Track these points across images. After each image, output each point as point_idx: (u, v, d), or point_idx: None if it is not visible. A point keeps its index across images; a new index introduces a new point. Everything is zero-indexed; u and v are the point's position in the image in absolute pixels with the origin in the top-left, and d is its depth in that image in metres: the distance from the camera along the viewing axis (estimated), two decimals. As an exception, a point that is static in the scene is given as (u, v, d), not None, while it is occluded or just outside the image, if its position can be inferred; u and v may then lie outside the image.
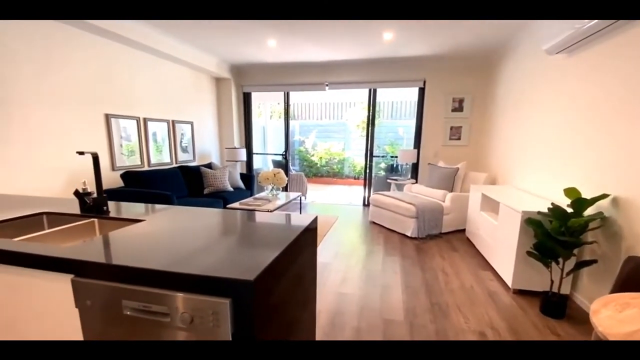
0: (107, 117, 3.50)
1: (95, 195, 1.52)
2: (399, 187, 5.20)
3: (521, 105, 3.56)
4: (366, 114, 5.53)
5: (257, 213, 1.60)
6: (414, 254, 3.41)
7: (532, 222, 2.25)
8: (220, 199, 4.24)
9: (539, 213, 2.29)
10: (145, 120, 4.05)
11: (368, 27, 3.55)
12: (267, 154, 8.03)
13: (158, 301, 0.89)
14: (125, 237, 1.19)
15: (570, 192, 2.14)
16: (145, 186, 3.64)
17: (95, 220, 1.52)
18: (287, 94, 5.83)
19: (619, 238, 2.07)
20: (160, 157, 4.39)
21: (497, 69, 4.36)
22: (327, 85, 5.34)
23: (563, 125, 2.72)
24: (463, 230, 4.18)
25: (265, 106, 8.92)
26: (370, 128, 5.48)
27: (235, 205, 4.02)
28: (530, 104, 3.34)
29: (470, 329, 2.10)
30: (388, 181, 5.41)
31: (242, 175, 5.25)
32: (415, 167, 5.36)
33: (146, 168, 4.13)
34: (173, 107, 4.60)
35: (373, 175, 5.88)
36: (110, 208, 1.66)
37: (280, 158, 6.58)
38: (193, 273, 0.87)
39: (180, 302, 0.87)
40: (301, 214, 1.62)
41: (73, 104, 3.14)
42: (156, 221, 1.42)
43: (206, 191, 4.53)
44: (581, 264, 2.15)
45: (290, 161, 6.60)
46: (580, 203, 2.08)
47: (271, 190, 4.58)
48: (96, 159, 1.48)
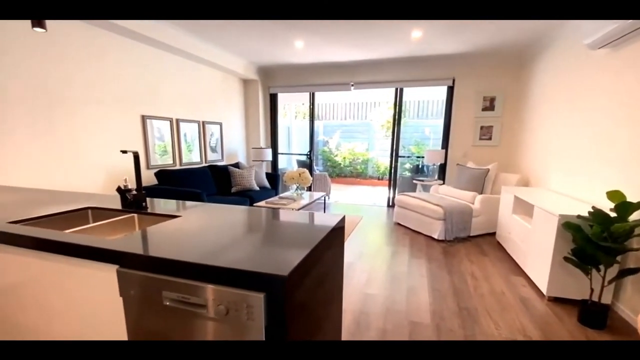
0: (143, 118, 3.69)
1: (135, 192, 1.62)
2: (425, 188, 5.09)
3: (558, 103, 3.38)
4: (392, 114, 5.47)
5: (285, 211, 1.63)
6: (441, 257, 3.33)
7: (571, 226, 2.13)
8: (247, 198, 4.35)
9: (579, 217, 2.17)
10: (177, 121, 4.23)
11: (396, 26, 3.51)
12: (292, 154, 8.12)
13: (196, 293, 0.94)
14: (164, 232, 1.25)
15: (614, 195, 2.01)
16: (177, 184, 3.80)
17: (135, 215, 1.62)
18: (313, 95, 5.87)
19: (670, 245, 1.92)
20: (190, 157, 4.57)
21: (532, 66, 4.16)
22: (353, 85, 5.32)
23: (604, 124, 2.56)
24: (493, 233, 4.03)
25: (290, 107, 9.03)
26: (396, 128, 5.41)
27: (261, 203, 4.11)
28: (568, 102, 3.17)
29: (501, 336, 2.02)
30: (414, 182, 5.31)
31: (268, 174, 5.35)
32: (442, 168, 5.23)
33: (178, 167, 4.31)
34: (203, 109, 4.77)
35: (398, 175, 5.80)
36: (147, 204, 1.75)
37: (304, 158, 6.64)
38: (229, 267, 0.90)
39: (216, 295, 0.91)
40: (327, 214, 1.63)
41: (113, 106, 3.34)
42: (191, 217, 1.49)
43: (234, 190, 4.65)
44: (625, 272, 2.02)
45: (314, 161, 6.65)
46: (625, 207, 1.95)
47: (296, 189, 4.64)
48: (137, 158, 1.57)
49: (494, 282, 2.77)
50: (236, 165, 5.08)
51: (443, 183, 5.11)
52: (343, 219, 1.48)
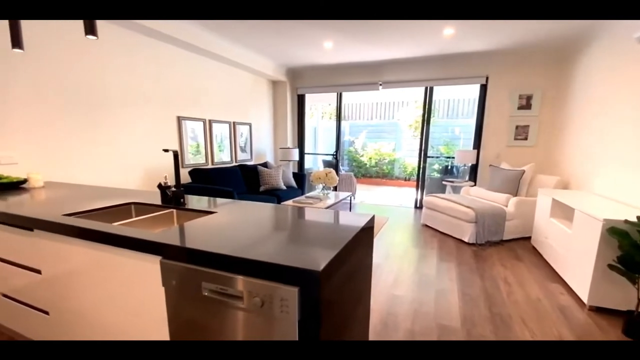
0: (179, 119, 3.88)
1: (174, 188, 1.71)
2: (455, 190, 4.95)
3: (604, 101, 3.17)
4: (420, 113, 5.36)
5: (314, 210, 1.66)
6: (472, 261, 3.23)
7: (617, 232, 2.00)
8: (274, 197, 4.44)
9: (626, 222, 2.03)
10: (210, 122, 4.40)
11: (427, 24, 3.44)
12: (318, 154, 8.18)
13: (233, 285, 0.99)
14: (202, 226, 1.32)
15: (666, 200, 1.86)
16: (209, 182, 3.96)
17: (174, 210, 1.71)
18: (340, 95, 5.88)
19: None
20: (221, 156, 4.73)
21: (574, 62, 3.93)
22: (381, 84, 5.28)
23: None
24: (528, 238, 3.84)
25: (316, 107, 9.09)
26: (425, 127, 5.30)
27: (288, 202, 4.18)
28: (615, 100, 2.96)
29: (537, 345, 1.93)
30: (443, 183, 5.18)
31: (294, 174, 5.42)
32: (474, 169, 5.05)
33: (210, 166, 4.49)
34: (234, 110, 4.93)
35: (426, 176, 5.68)
36: (185, 200, 1.85)
37: (330, 158, 6.66)
38: (265, 260, 0.94)
39: (252, 287, 0.95)
40: (357, 213, 1.64)
41: (152, 108, 3.54)
42: (226, 213, 1.56)
43: (262, 189, 4.77)
44: (680, 283, 1.87)
45: (340, 161, 6.66)
46: (680, 213, 1.80)
47: (322, 189, 4.68)
48: (176, 156, 1.67)
49: (529, 289, 2.64)
50: (264, 164, 5.20)
51: (474, 184, 4.94)
52: (372, 219, 1.49)
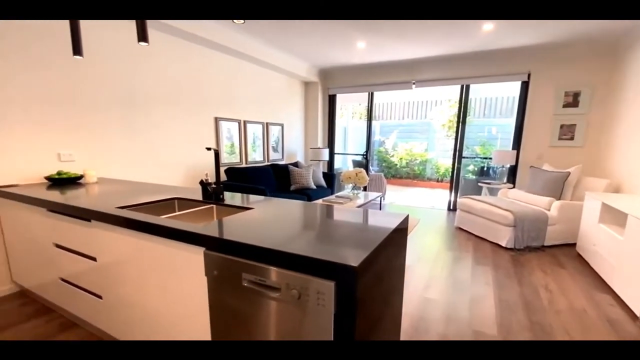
0: (216, 120, 4.06)
1: (214, 185, 1.80)
2: (492, 192, 4.74)
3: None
4: (455, 112, 5.19)
5: (345, 209, 1.68)
6: (509, 266, 3.09)
7: (677, 241, 1.83)
8: (304, 196, 4.50)
9: (688, 230, 1.85)
10: (245, 122, 4.56)
11: (465, 20, 3.34)
12: (348, 154, 8.17)
13: (271, 277, 1.03)
14: (240, 221, 1.39)
15: None
16: (243, 181, 4.10)
17: (214, 206, 1.81)
18: (371, 95, 5.84)
19: None
20: (254, 156, 4.88)
21: (629, 57, 3.62)
22: (414, 83, 5.18)
23: None
24: (572, 244, 3.60)
25: (347, 107, 9.09)
26: (460, 127, 5.12)
27: (318, 202, 4.22)
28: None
29: (582, 357, 1.82)
30: (479, 185, 4.98)
31: (324, 174, 5.47)
32: (512, 170, 4.81)
33: (244, 165, 4.64)
34: (268, 110, 5.06)
35: (461, 178, 5.49)
36: (224, 197, 1.94)
37: (359, 158, 6.64)
38: (303, 254, 0.98)
39: (290, 279, 0.99)
40: (390, 213, 1.64)
41: (192, 109, 3.73)
42: (262, 209, 1.62)
43: (292, 188, 4.85)
44: None
45: (370, 161, 6.61)
46: None
47: (352, 189, 4.67)
48: (217, 155, 1.76)
49: (574, 298, 2.48)
50: (295, 164, 5.28)
51: (513, 187, 4.70)
52: (406, 219, 1.48)
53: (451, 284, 2.70)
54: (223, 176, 4.21)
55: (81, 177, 2.54)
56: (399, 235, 1.41)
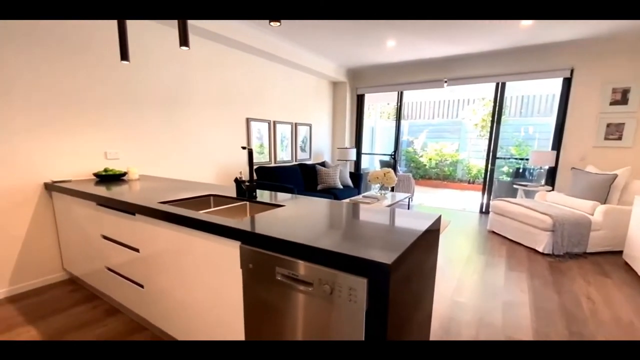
0: (248, 121, 4.18)
1: (248, 183, 1.87)
2: (528, 194, 4.52)
3: None
4: (489, 111, 5.00)
5: (375, 208, 1.68)
6: (547, 273, 2.93)
7: None
8: (331, 195, 4.53)
9: None
10: (274, 123, 4.66)
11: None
12: (375, 154, 8.09)
13: (304, 271, 1.06)
14: (273, 217, 1.44)
15: None
16: (272, 180, 4.20)
17: (247, 203, 1.88)
18: (401, 94, 5.76)
19: None
20: (282, 155, 4.98)
21: (688, 48, 3.32)
22: (446, 81, 5.04)
23: None
24: (619, 252, 3.36)
25: (374, 107, 9.00)
26: (494, 126, 4.93)
27: (345, 201, 4.22)
28: None
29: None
30: (515, 187, 4.76)
31: (351, 174, 5.46)
32: (551, 172, 4.56)
33: (273, 164, 4.75)
34: (297, 111, 5.14)
35: (494, 179, 5.27)
36: (257, 194, 2.01)
37: (387, 158, 6.56)
38: (336, 251, 1.00)
39: (322, 275, 1.02)
40: (422, 213, 1.62)
41: (225, 110, 3.87)
42: (293, 207, 1.66)
43: (319, 187, 4.90)
44: None
45: (398, 162, 6.51)
46: None
47: (379, 189, 4.63)
48: (251, 154, 1.82)
49: (619, 309, 2.32)
50: (322, 164, 5.32)
51: (552, 189, 4.45)
52: (439, 219, 1.46)
53: (483, 289, 2.62)
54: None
55: (125, 174, 2.72)
56: (431, 236, 1.40)
